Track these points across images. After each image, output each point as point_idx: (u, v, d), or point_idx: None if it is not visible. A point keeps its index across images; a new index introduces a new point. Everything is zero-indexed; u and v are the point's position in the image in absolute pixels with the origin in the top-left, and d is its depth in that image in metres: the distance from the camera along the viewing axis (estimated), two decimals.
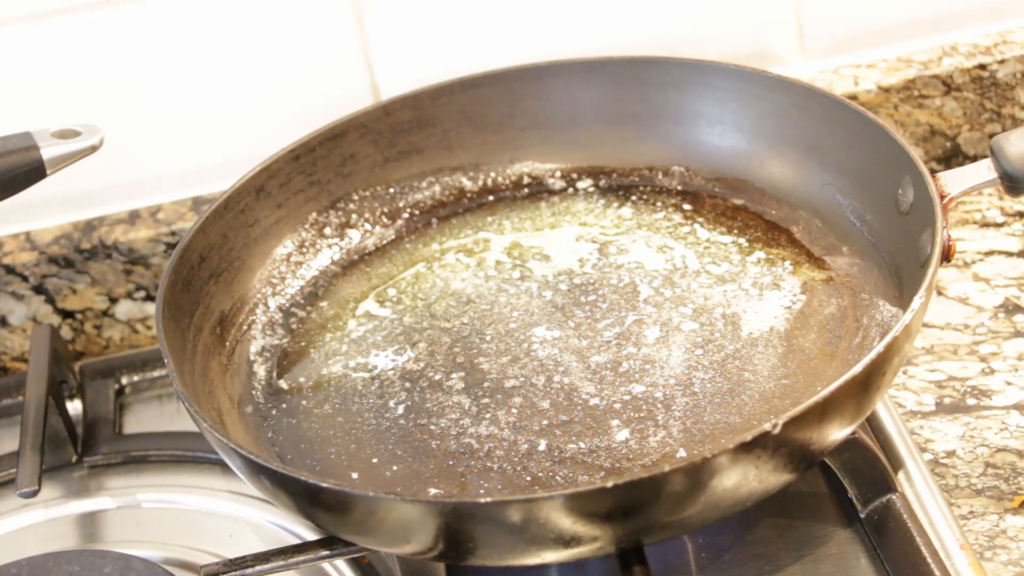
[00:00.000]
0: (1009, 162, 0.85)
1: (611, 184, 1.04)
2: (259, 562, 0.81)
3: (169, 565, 0.89)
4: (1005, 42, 1.13)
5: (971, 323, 0.99)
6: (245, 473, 0.80)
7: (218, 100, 1.11)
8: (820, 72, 1.14)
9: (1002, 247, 1.05)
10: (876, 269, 0.91)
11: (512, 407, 0.87)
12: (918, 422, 0.92)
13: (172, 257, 0.91)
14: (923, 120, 1.13)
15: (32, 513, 0.97)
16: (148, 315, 1.13)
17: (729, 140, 1.01)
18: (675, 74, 1.02)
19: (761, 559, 0.85)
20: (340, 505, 0.76)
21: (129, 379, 1.09)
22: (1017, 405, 0.92)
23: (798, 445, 0.76)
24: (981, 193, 1.09)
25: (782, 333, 0.90)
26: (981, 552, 0.84)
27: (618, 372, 0.89)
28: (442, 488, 0.83)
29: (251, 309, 0.97)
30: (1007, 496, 0.87)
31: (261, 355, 0.95)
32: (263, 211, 0.99)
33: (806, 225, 0.97)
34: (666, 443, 0.84)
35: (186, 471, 0.99)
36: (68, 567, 0.86)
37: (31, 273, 1.10)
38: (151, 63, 1.09)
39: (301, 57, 1.10)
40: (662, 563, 0.86)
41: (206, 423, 0.80)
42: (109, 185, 1.12)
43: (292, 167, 1.00)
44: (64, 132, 0.90)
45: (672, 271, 0.96)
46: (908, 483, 0.88)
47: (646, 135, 1.04)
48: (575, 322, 0.93)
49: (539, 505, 0.72)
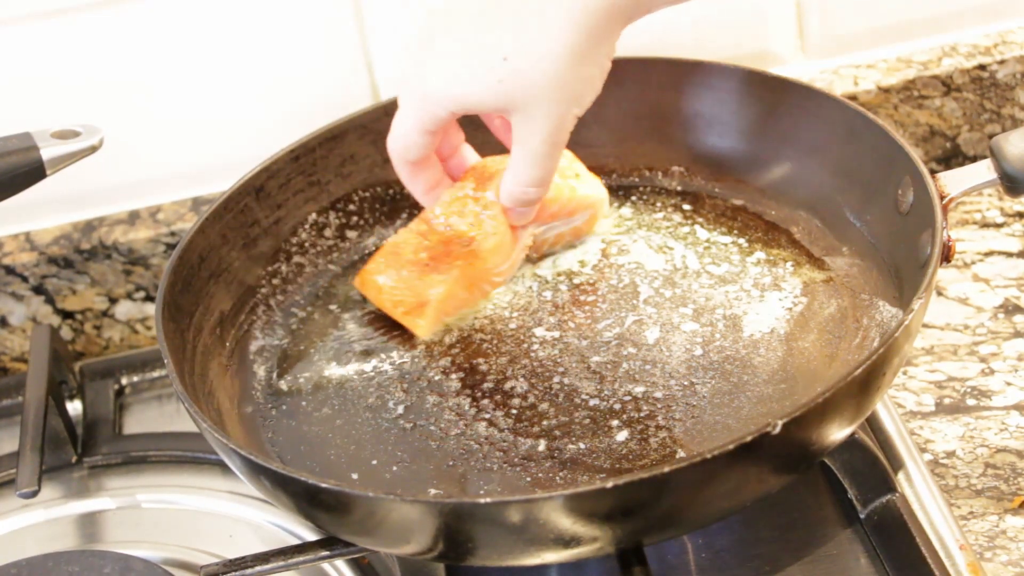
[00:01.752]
0: (1009, 162, 0.85)
1: (611, 184, 1.03)
2: (259, 562, 0.81)
3: (169, 565, 0.89)
4: (1005, 42, 1.13)
5: (971, 323, 0.99)
6: (245, 473, 0.80)
7: (218, 100, 1.11)
8: (820, 72, 1.14)
9: (1002, 247, 1.05)
10: (876, 269, 0.91)
11: (512, 408, 0.87)
12: (918, 422, 0.92)
13: (172, 257, 0.91)
14: (923, 120, 1.13)
15: (32, 513, 0.97)
16: (148, 315, 1.13)
17: (729, 140, 1.01)
18: (675, 74, 1.02)
19: (761, 559, 0.85)
20: (340, 505, 0.76)
21: (129, 379, 1.09)
22: (1017, 405, 0.92)
23: (798, 446, 0.76)
24: (981, 193, 1.09)
25: (782, 334, 0.90)
26: (981, 552, 0.84)
27: (618, 372, 0.89)
28: (442, 489, 0.83)
29: (251, 309, 0.97)
30: (1007, 496, 0.87)
31: (261, 355, 0.95)
32: (263, 211, 0.99)
33: (806, 225, 0.97)
34: (666, 444, 0.84)
35: (186, 471, 0.99)
36: (68, 567, 0.86)
37: (31, 273, 1.10)
38: (151, 63, 1.09)
39: (301, 57, 1.10)
40: (662, 563, 0.86)
41: (206, 423, 0.80)
42: (109, 185, 1.12)
43: (292, 167, 1.00)
44: (64, 132, 0.90)
45: (672, 271, 0.96)
46: (908, 483, 0.88)
47: (646, 135, 1.04)
48: (575, 322, 0.93)
49: (539, 505, 0.72)
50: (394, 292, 0.92)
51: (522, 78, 0.83)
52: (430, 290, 0.91)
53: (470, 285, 0.93)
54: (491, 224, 0.91)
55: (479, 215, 0.91)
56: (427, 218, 0.93)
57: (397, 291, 0.92)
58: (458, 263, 0.91)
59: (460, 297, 0.93)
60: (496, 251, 0.92)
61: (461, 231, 0.91)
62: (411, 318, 0.92)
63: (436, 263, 0.91)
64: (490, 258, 0.92)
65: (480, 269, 0.92)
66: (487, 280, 0.94)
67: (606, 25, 0.83)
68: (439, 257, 0.91)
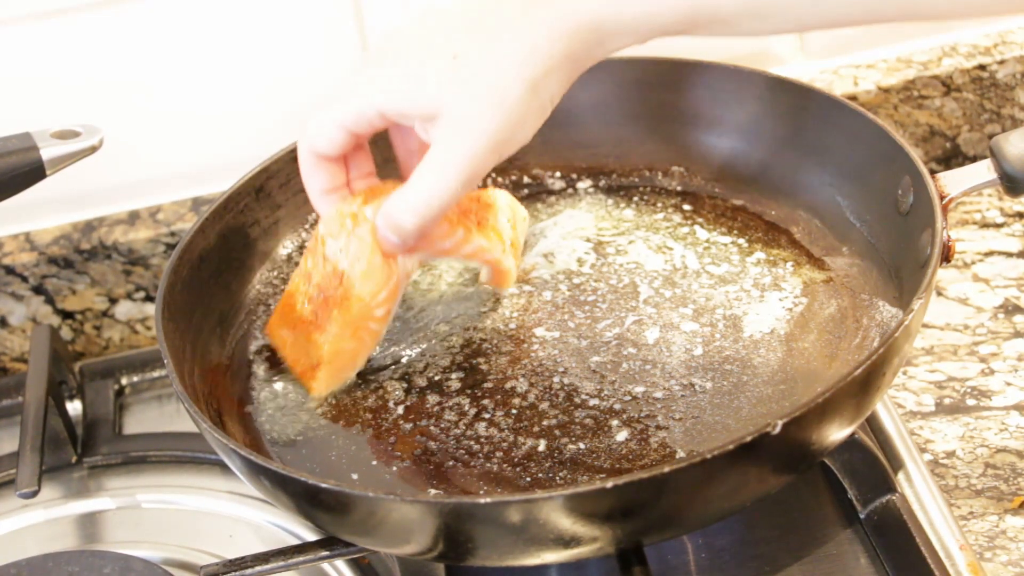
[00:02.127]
0: (1009, 163, 0.85)
1: (611, 184, 1.04)
2: (259, 562, 0.81)
3: (169, 565, 0.89)
4: (1005, 42, 1.13)
5: (971, 323, 0.99)
6: (245, 473, 0.80)
7: (218, 100, 1.11)
8: (820, 72, 1.14)
9: (1002, 247, 1.05)
10: (876, 269, 0.91)
11: (512, 408, 0.87)
12: (918, 422, 0.92)
13: (172, 257, 0.91)
14: (923, 120, 1.13)
15: (32, 513, 0.97)
16: (148, 315, 1.13)
17: (729, 140, 1.01)
18: (675, 74, 1.02)
19: (761, 559, 0.85)
20: (340, 505, 0.76)
21: (129, 379, 1.09)
22: (1017, 405, 0.92)
23: (798, 446, 0.76)
24: (981, 193, 1.09)
25: (782, 334, 0.90)
26: (981, 552, 0.84)
27: (618, 372, 0.89)
28: (442, 489, 0.83)
29: (251, 309, 0.97)
30: (1007, 497, 0.87)
31: (261, 355, 0.95)
32: (263, 211, 0.99)
33: (806, 225, 0.97)
34: (666, 444, 0.84)
35: (186, 471, 0.99)
36: (68, 567, 0.86)
37: (31, 273, 1.10)
38: (151, 63, 1.09)
39: (301, 57, 1.10)
40: (662, 563, 0.86)
41: (206, 423, 0.80)
42: (109, 185, 1.12)
43: (292, 167, 1.00)
44: (64, 132, 0.90)
45: (672, 271, 0.96)
46: (908, 483, 0.88)
47: (646, 135, 1.04)
48: (575, 322, 0.93)
49: (539, 505, 0.72)
50: (292, 350, 0.90)
51: (466, 76, 0.78)
52: (319, 351, 0.88)
53: (354, 332, 0.88)
54: (357, 246, 0.85)
55: (350, 236, 0.86)
56: (312, 245, 0.88)
57: (294, 349, 0.90)
58: (334, 313, 0.87)
59: (348, 350, 0.89)
60: (367, 277, 0.86)
61: (334, 262, 0.86)
62: (306, 380, 0.90)
63: (318, 318, 0.87)
64: (363, 287, 0.86)
65: (358, 308, 0.86)
66: (369, 318, 0.88)
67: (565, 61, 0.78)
68: (320, 309, 0.87)
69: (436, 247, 0.88)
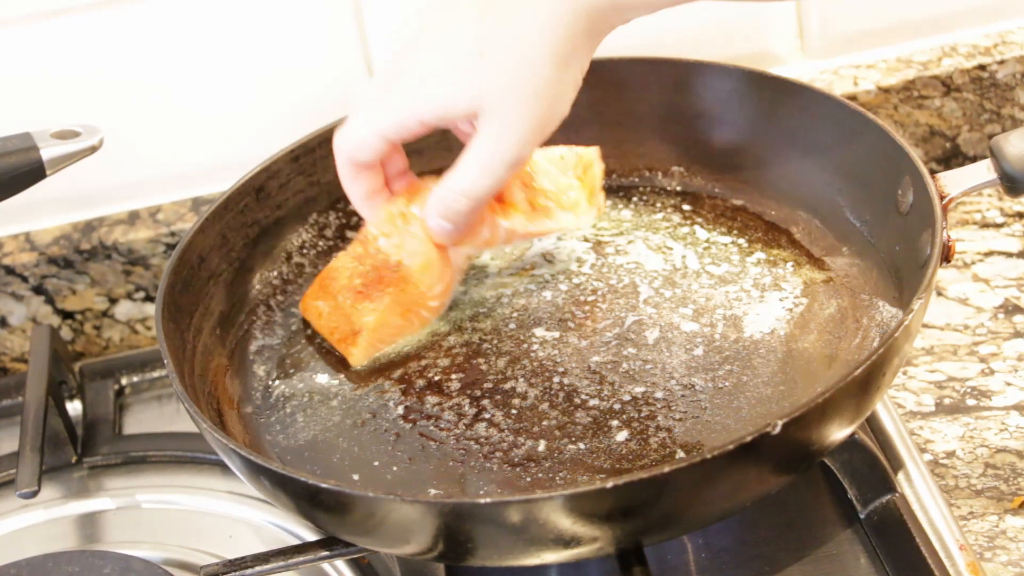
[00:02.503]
0: (1009, 163, 0.85)
1: (611, 184, 1.03)
2: (259, 562, 0.81)
3: (169, 565, 0.89)
4: (1005, 43, 1.13)
5: (971, 324, 0.99)
6: (245, 474, 0.80)
7: (218, 100, 1.11)
8: (820, 72, 1.14)
9: (1002, 248, 1.05)
10: (876, 270, 0.91)
11: (511, 408, 0.87)
12: (918, 423, 0.92)
13: (172, 258, 0.91)
14: (923, 120, 1.13)
15: (32, 513, 0.97)
16: (148, 316, 1.13)
17: (729, 141, 1.01)
18: (675, 74, 1.02)
19: (761, 559, 0.85)
20: (340, 506, 0.76)
21: (129, 379, 1.09)
22: (1017, 406, 0.92)
23: (798, 446, 0.76)
24: (981, 194, 1.09)
25: (782, 334, 0.90)
26: (981, 553, 0.84)
27: (618, 372, 0.89)
28: (442, 489, 0.83)
29: (251, 309, 0.97)
30: (1007, 497, 0.87)
31: (261, 355, 0.95)
32: (263, 211, 0.99)
33: (806, 225, 0.97)
34: (666, 444, 0.84)
35: (186, 471, 0.99)
36: (68, 567, 0.86)
37: (31, 274, 1.10)
38: (151, 63, 1.09)
39: (301, 57, 1.10)
40: (662, 563, 0.86)
41: (206, 423, 0.80)
42: (109, 185, 1.12)
43: (292, 167, 1.00)
44: (64, 132, 0.90)
45: (672, 271, 0.96)
46: (908, 484, 0.88)
47: (646, 135, 1.04)
48: (575, 322, 0.93)
49: (539, 505, 0.72)
50: (330, 319, 0.92)
51: (499, 72, 0.80)
52: (363, 318, 0.90)
53: (404, 311, 0.91)
54: (413, 243, 0.89)
55: (403, 234, 0.89)
56: (363, 239, 0.91)
57: (332, 318, 0.92)
58: (390, 290, 0.89)
59: (394, 324, 0.91)
60: (425, 271, 0.89)
61: (388, 255, 0.89)
62: (345, 345, 0.91)
63: (369, 290, 0.90)
64: (421, 280, 0.89)
65: (413, 294, 0.90)
66: (423, 305, 0.91)
67: (586, 33, 0.80)
68: (371, 284, 0.90)
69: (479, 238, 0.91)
